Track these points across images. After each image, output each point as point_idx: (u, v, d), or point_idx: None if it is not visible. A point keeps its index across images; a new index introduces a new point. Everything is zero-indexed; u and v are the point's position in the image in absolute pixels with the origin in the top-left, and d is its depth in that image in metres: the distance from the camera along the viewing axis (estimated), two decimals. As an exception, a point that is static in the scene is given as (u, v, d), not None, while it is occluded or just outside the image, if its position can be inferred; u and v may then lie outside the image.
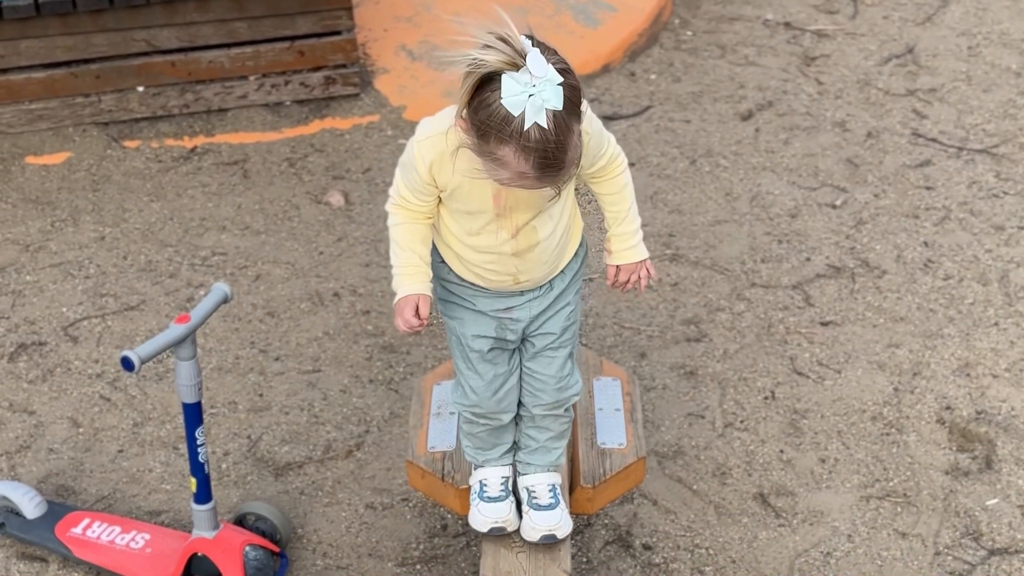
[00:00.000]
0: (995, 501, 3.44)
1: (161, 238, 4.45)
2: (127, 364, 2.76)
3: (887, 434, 3.65)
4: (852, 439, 3.64)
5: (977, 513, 3.41)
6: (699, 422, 3.72)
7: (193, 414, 2.99)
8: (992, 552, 3.32)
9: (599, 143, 2.62)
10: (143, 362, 2.77)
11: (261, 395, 3.85)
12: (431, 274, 2.69)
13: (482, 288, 2.72)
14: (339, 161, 4.78)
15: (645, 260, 2.79)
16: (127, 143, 4.89)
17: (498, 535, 2.89)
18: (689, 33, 5.56)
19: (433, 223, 2.69)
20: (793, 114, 5.01)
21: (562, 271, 2.76)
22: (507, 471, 2.93)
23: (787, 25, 5.60)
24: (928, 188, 4.58)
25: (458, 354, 2.81)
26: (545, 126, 2.30)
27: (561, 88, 2.32)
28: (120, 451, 3.68)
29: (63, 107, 4.88)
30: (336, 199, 4.59)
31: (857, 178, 4.65)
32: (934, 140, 4.83)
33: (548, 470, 2.93)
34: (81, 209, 4.60)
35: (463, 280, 2.72)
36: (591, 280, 4.19)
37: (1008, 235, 4.34)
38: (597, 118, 2.60)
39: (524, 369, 2.85)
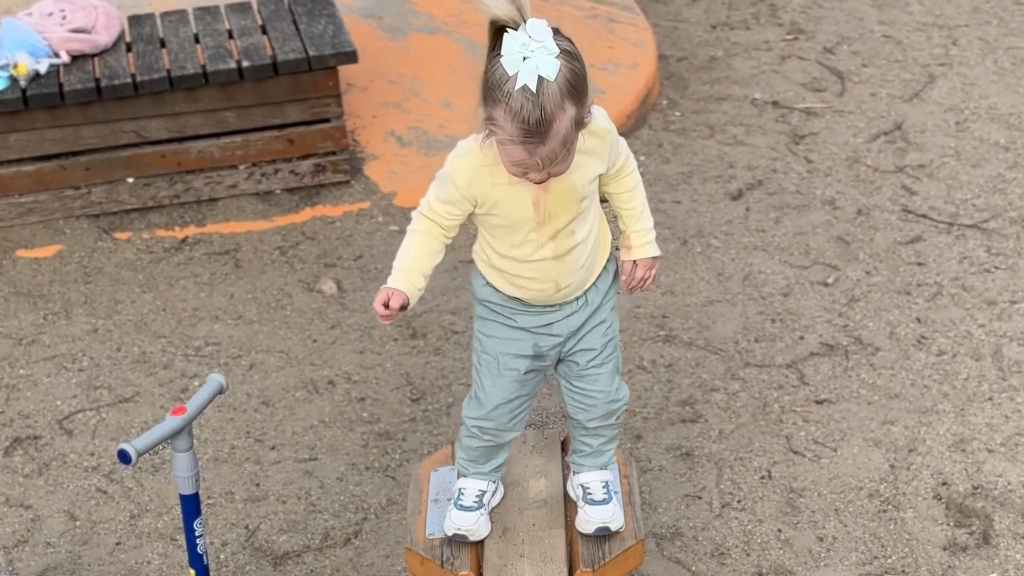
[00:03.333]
0: (995, 577, 3.44)
1: (154, 329, 4.46)
2: (124, 457, 2.76)
3: (884, 511, 3.64)
4: (849, 517, 3.63)
5: (978, 590, 3.40)
6: (696, 503, 3.71)
7: (191, 506, 2.98)
8: (994, 630, 3.31)
9: (617, 144, 2.74)
10: (140, 455, 2.77)
11: (258, 484, 3.84)
12: (422, 285, 2.79)
13: (524, 305, 2.81)
14: (331, 249, 4.81)
15: (658, 259, 2.92)
16: (118, 235, 4.92)
17: (462, 542, 3.00)
18: (677, 114, 5.62)
19: (448, 242, 2.80)
20: (783, 193, 5.06)
21: (595, 284, 2.85)
22: (485, 486, 3.04)
23: (775, 104, 5.66)
24: (919, 264, 4.61)
25: (486, 371, 2.89)
26: (534, 91, 2.40)
27: (558, 62, 2.42)
28: (118, 544, 3.66)
29: (53, 200, 4.91)
30: (328, 287, 4.61)
31: (848, 256, 4.68)
32: (924, 216, 4.86)
33: (600, 469, 3.06)
34: (73, 302, 4.61)
35: (507, 298, 2.82)
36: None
37: (1000, 310, 4.36)
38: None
39: (571, 387, 2.95)
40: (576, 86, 2.46)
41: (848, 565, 3.49)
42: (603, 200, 2.88)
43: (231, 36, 5.00)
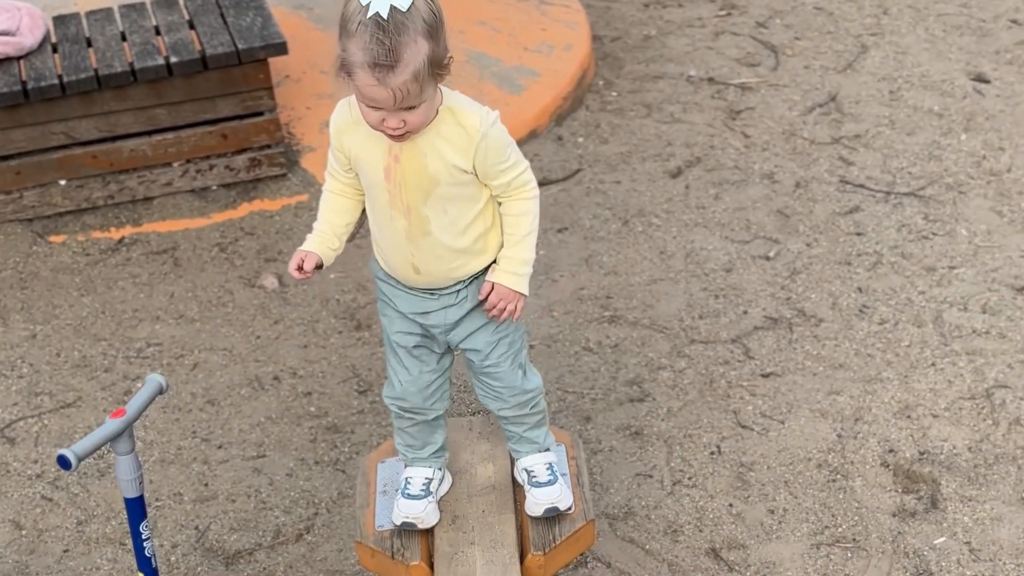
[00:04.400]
0: (943, 540, 3.46)
1: (94, 332, 4.40)
2: (64, 463, 2.71)
3: (833, 481, 3.66)
4: (799, 488, 3.65)
5: (926, 553, 3.42)
6: (647, 481, 3.71)
7: (136, 508, 2.94)
8: (945, 593, 3.34)
9: (499, 154, 2.71)
10: (80, 460, 2.72)
11: (206, 484, 3.80)
12: (337, 244, 2.88)
13: (399, 285, 2.86)
14: (271, 243, 4.76)
15: (522, 296, 2.84)
16: (53, 238, 4.85)
17: (410, 530, 3.01)
18: (614, 94, 5.62)
19: (361, 193, 2.86)
20: (722, 169, 5.07)
21: (477, 281, 2.84)
22: (431, 472, 3.06)
23: (710, 80, 5.67)
24: (859, 234, 4.63)
25: (388, 349, 2.97)
26: (385, 18, 2.46)
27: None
28: (66, 551, 3.61)
29: (-16, 206, 4.84)
30: (270, 282, 4.57)
31: (788, 229, 4.69)
32: (861, 186, 4.89)
33: (541, 451, 3.09)
34: (10, 308, 4.54)
35: (385, 275, 2.88)
36: (531, 347, 4.19)
37: (940, 276, 4.40)
38: (510, 137, 2.73)
39: (476, 380, 3.01)
40: (430, 23, 2.52)
41: (799, 536, 3.51)
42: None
43: (158, 32, 4.93)
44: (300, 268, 2.84)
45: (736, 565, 3.44)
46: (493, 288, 2.81)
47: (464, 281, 2.84)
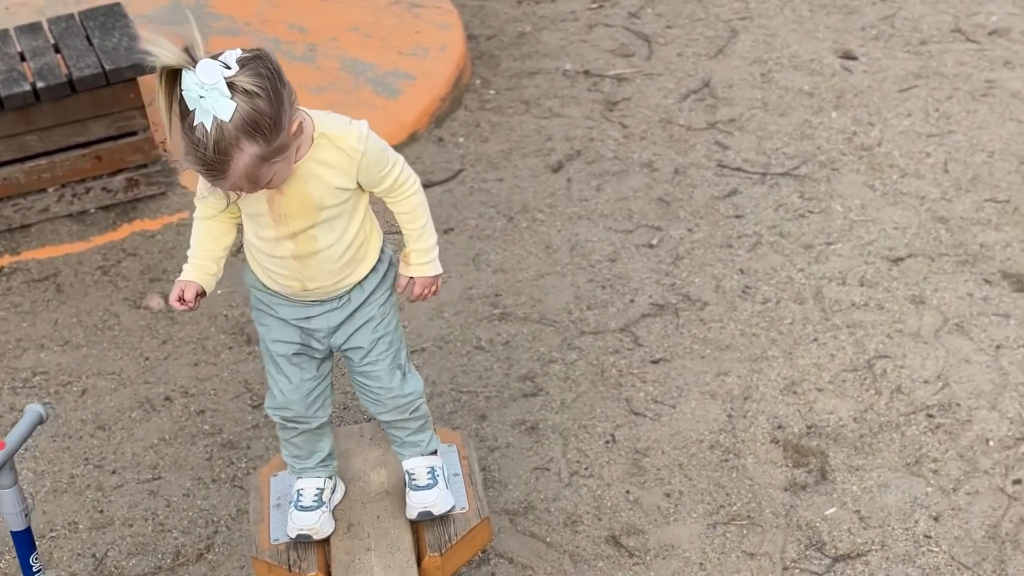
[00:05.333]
0: (833, 510, 3.54)
1: (-22, 365, 4.33)
2: (-55, 501, 2.67)
3: (726, 460, 3.73)
4: (693, 470, 3.71)
5: (818, 524, 3.50)
6: (545, 475, 3.75)
7: (24, 542, 2.90)
8: (836, 559, 3.41)
9: (379, 163, 2.75)
10: (-38, 497, 2.69)
11: (102, 511, 3.76)
12: (215, 269, 2.86)
13: (282, 296, 2.86)
14: (154, 263, 4.71)
15: (439, 276, 2.98)
16: (-67, 272, 4.76)
17: (306, 542, 3.02)
18: (492, 92, 5.65)
19: (238, 220, 2.85)
20: (602, 160, 5.12)
21: (360, 284, 2.88)
22: (322, 483, 3.07)
23: (586, 73, 5.72)
24: (738, 216, 4.71)
25: (267, 359, 2.97)
26: (209, 130, 2.44)
27: (234, 104, 2.43)
28: (-42, 591, 3.55)
29: None
30: (156, 302, 4.52)
31: (670, 215, 4.76)
32: (738, 169, 4.97)
33: (424, 455, 3.11)
34: None
35: (265, 287, 2.87)
36: (423, 350, 4.20)
37: (818, 252, 4.49)
38: (382, 141, 2.78)
39: (356, 382, 3.02)
40: (256, 124, 2.47)
41: (696, 517, 3.56)
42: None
43: (23, 58, 4.84)
44: (181, 299, 2.82)
45: (636, 550, 3.48)
46: (413, 281, 2.91)
47: (348, 287, 2.86)
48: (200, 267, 2.85)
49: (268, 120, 2.48)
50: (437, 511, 3.03)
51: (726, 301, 4.31)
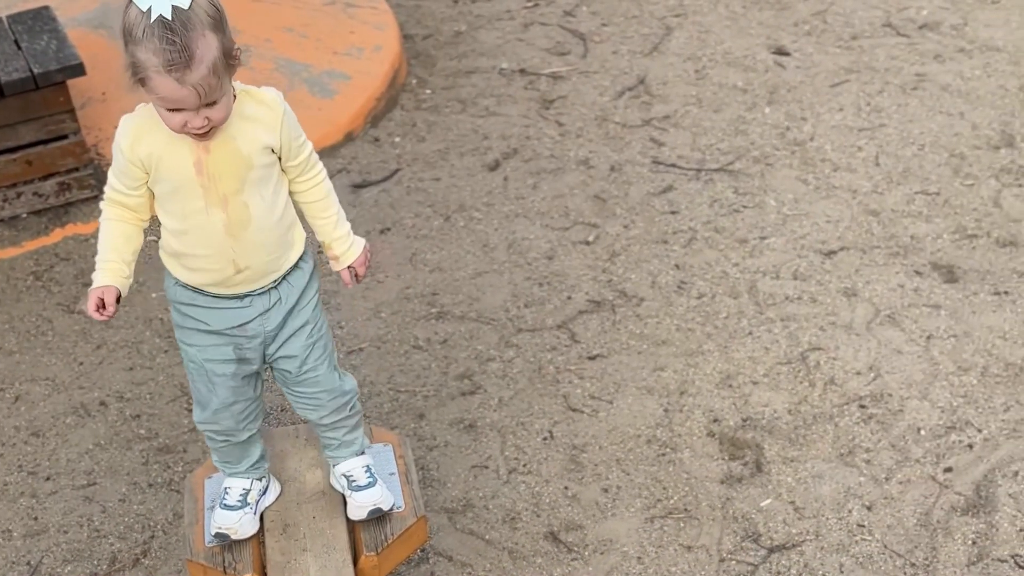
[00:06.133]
0: (768, 501, 3.57)
1: (-91, 373, 4.27)
2: None
3: (663, 454, 3.75)
4: (631, 465, 3.73)
5: (754, 516, 3.53)
6: (484, 472, 3.75)
7: (-46, 551, 2.87)
8: (771, 550, 3.44)
9: (297, 129, 2.78)
10: None
11: (36, 518, 3.72)
12: (128, 272, 2.79)
13: (210, 299, 2.81)
14: (88, 267, 4.67)
15: (366, 246, 2.98)
16: None
17: (223, 543, 3.01)
18: (428, 91, 5.65)
19: (144, 225, 2.81)
20: (538, 158, 5.13)
21: (287, 279, 2.85)
22: (248, 484, 3.07)
23: (522, 72, 5.73)
24: (673, 212, 4.74)
25: (198, 378, 2.92)
26: (170, 18, 2.45)
27: None
28: None
29: None
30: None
31: (606, 212, 4.78)
32: (673, 165, 5.00)
33: (357, 455, 3.11)
34: None
35: (189, 289, 2.81)
36: (360, 350, 4.19)
37: (752, 247, 4.53)
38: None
39: (293, 392, 3.00)
40: (213, 16, 2.53)
41: (634, 511, 3.58)
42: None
43: (-49, 62, 4.80)
44: (101, 307, 2.74)
45: (574, 546, 3.50)
46: (353, 270, 2.93)
47: (275, 280, 2.83)
48: (113, 270, 2.77)
49: (222, 16, 2.54)
50: (386, 506, 3.03)
51: (662, 296, 4.34)
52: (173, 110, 2.56)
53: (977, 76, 5.41)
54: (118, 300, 2.76)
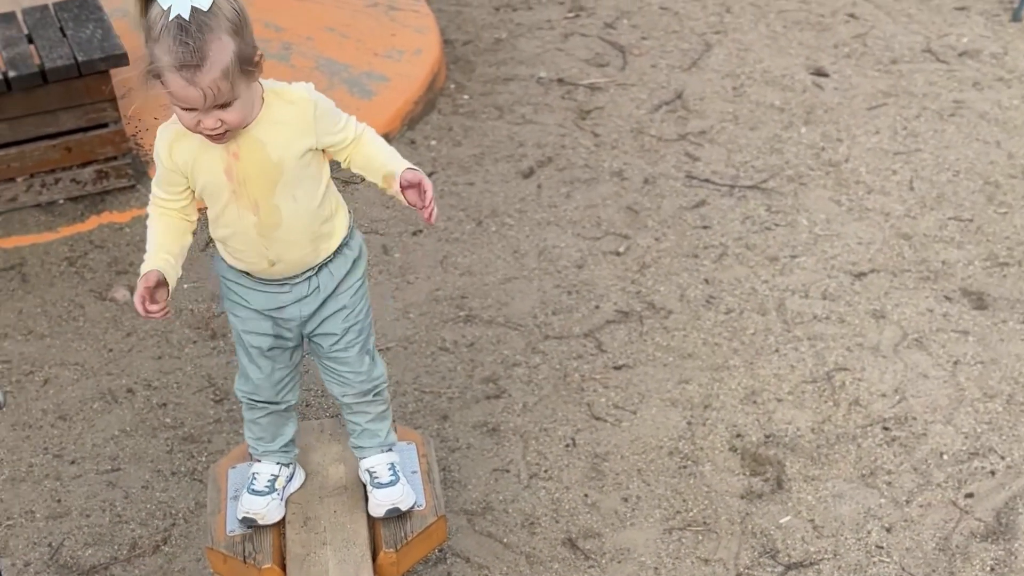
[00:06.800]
0: (788, 519, 3.57)
1: (-59, 352, 4.32)
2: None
3: (684, 467, 3.75)
4: (652, 476, 3.73)
5: (772, 532, 3.53)
6: (504, 476, 3.76)
7: (-21, 528, 2.90)
8: (788, 567, 3.44)
9: (334, 114, 2.76)
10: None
11: (59, 500, 3.75)
12: (174, 262, 2.79)
13: (252, 281, 2.85)
14: (121, 255, 4.71)
15: (416, 170, 2.86)
16: (-103, 258, 4.75)
17: (249, 527, 3.03)
18: (466, 97, 5.67)
19: (191, 225, 2.83)
20: (572, 167, 5.15)
21: (328, 268, 2.87)
22: (277, 470, 3.09)
23: (560, 81, 5.75)
24: (705, 227, 4.75)
25: (240, 348, 2.97)
26: (187, 19, 2.47)
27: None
28: (-88, 576, 3.54)
29: None
30: (121, 294, 4.52)
31: (638, 224, 4.79)
32: (707, 180, 5.01)
33: (383, 451, 3.12)
34: None
35: (234, 271, 2.86)
36: (388, 350, 4.22)
37: (782, 265, 4.53)
38: (330, 100, 2.77)
39: (323, 366, 3.03)
40: (233, 21, 2.53)
41: (652, 522, 3.59)
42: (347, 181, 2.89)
43: (-4, 47, 4.86)
44: (149, 300, 2.70)
45: (592, 553, 3.50)
46: (422, 187, 2.76)
47: (314, 268, 2.85)
48: (159, 258, 2.79)
49: (243, 21, 2.55)
50: (405, 506, 3.04)
51: (690, 310, 4.35)
52: (186, 109, 2.58)
53: (1015, 105, 5.40)
54: (166, 291, 2.74)
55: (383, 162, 2.82)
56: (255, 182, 2.71)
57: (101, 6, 5.05)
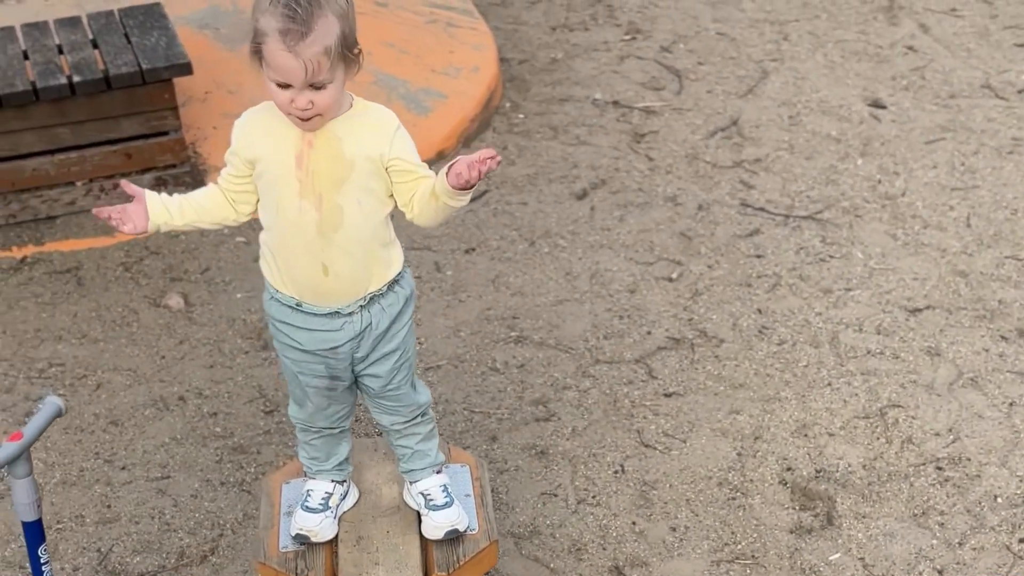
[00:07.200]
0: (837, 556, 3.54)
1: (-4, 352, 4.36)
2: (-39, 487, 2.69)
3: (733, 498, 3.74)
4: (700, 506, 3.72)
5: (821, 568, 3.51)
6: (552, 500, 3.76)
7: (34, 532, 2.91)
8: (839, 607, 3.42)
9: (412, 147, 2.77)
10: (-23, 484, 2.70)
11: (109, 506, 3.77)
12: (174, 207, 2.83)
13: (302, 318, 2.83)
14: (176, 263, 4.74)
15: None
16: (-46, 257, 4.79)
17: (302, 544, 3.04)
18: (521, 116, 5.68)
19: (234, 215, 2.86)
20: (626, 191, 5.14)
21: (380, 304, 2.85)
22: (331, 488, 3.09)
23: (615, 104, 5.75)
24: (759, 256, 4.73)
25: (293, 383, 2.99)
26: None
27: None
28: (-39, 575, 3.57)
29: None
30: (175, 301, 4.55)
31: (691, 251, 4.78)
32: (762, 209, 4.99)
33: (434, 472, 3.12)
34: (-90, 328, 4.47)
35: (285, 306, 2.85)
36: (438, 368, 4.22)
37: (836, 297, 4.50)
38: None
39: (372, 401, 3.04)
40: (343, 6, 2.59)
41: (700, 553, 3.57)
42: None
43: (61, 51, 4.89)
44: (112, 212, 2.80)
45: (638, 582, 3.50)
46: (471, 164, 2.64)
47: (364, 299, 2.84)
48: (167, 200, 2.83)
49: (350, 10, 2.61)
50: (462, 527, 3.04)
51: (742, 340, 4.33)
52: (282, 85, 2.61)
53: (1075, 144, 5.36)
54: (139, 208, 2.80)
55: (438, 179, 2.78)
56: (323, 175, 2.72)
57: (166, 15, 5.09)
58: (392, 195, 2.80)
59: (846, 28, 6.30)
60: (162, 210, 2.82)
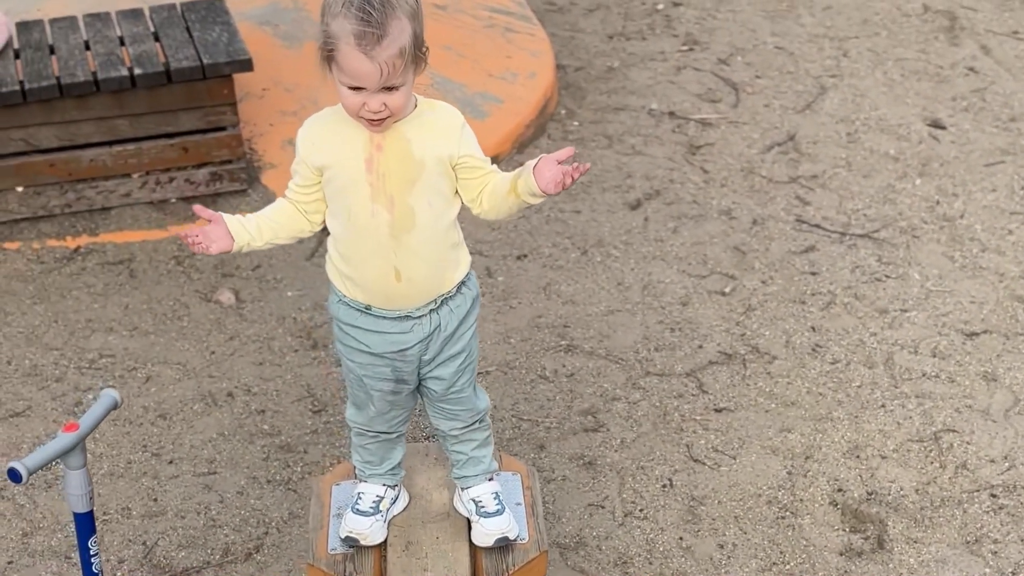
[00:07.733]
0: (891, 582, 3.51)
1: (46, 341, 4.36)
2: (14, 476, 2.69)
3: (782, 518, 3.69)
4: (749, 524, 3.68)
5: (874, 594, 3.47)
6: (599, 512, 3.73)
7: (85, 524, 2.91)
8: (890, 633, 3.37)
9: (477, 146, 2.76)
10: (31, 473, 2.70)
11: (155, 500, 3.77)
12: (252, 226, 2.82)
13: (372, 320, 2.82)
14: (228, 258, 4.74)
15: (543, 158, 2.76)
16: (7, 244, 4.81)
17: (351, 547, 3.03)
18: (576, 123, 5.66)
19: (308, 225, 2.84)
20: (680, 203, 5.11)
21: (449, 305, 2.85)
22: (382, 491, 3.07)
23: (671, 115, 5.72)
24: (813, 273, 4.68)
25: (356, 387, 2.96)
26: None
27: None
28: (10, 562, 3.57)
29: (-59, 209, 4.79)
30: (226, 297, 4.55)
31: (745, 265, 4.74)
32: (817, 226, 4.95)
33: (487, 479, 3.09)
34: (-37, 314, 4.50)
35: (354, 308, 2.83)
36: (487, 373, 4.20)
37: (892, 318, 4.45)
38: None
39: (432, 406, 3.02)
40: (413, 6, 2.58)
41: (748, 572, 3.53)
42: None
43: (123, 43, 4.91)
44: (195, 236, 2.79)
45: (684, 599, 3.46)
46: (556, 170, 2.65)
47: (436, 301, 2.83)
48: (244, 220, 2.82)
49: (420, 10, 2.60)
50: (513, 535, 3.02)
51: (795, 357, 4.28)
52: (354, 88, 2.59)
53: None
54: (219, 228, 2.79)
55: (510, 176, 2.76)
56: (394, 177, 2.70)
57: (228, 10, 5.10)
58: (457, 193, 2.79)
59: (906, 47, 6.24)
60: (242, 230, 2.82)
